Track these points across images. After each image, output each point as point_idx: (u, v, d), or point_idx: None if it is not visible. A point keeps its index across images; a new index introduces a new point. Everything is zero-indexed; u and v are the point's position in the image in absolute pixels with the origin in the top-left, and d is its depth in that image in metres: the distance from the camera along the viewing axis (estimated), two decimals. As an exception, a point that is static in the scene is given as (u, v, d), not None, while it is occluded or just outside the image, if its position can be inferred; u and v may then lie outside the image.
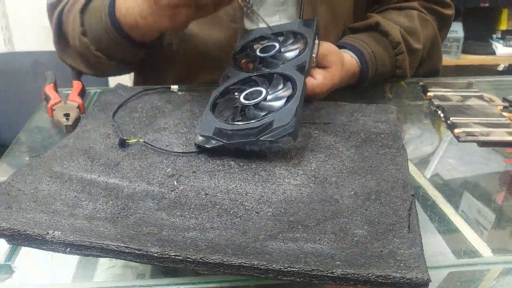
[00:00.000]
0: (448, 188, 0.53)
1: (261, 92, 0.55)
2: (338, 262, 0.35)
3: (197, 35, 0.77)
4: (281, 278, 0.35)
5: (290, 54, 0.61)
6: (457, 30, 2.08)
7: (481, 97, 0.73)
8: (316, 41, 0.63)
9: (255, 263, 0.34)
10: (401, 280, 0.33)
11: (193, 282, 0.39)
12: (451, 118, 0.65)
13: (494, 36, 2.18)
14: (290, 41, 0.63)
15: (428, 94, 0.75)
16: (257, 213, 0.42)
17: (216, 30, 0.76)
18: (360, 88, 0.76)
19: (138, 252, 0.35)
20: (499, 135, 0.61)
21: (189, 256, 0.35)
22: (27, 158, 0.59)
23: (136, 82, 0.93)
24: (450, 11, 0.85)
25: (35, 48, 1.38)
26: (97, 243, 0.36)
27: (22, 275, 0.41)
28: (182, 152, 0.51)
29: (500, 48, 2.13)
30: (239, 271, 0.35)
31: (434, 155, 0.62)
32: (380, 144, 0.53)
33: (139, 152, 0.51)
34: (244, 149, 0.51)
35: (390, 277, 0.33)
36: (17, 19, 1.92)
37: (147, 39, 0.70)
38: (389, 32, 0.75)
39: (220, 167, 0.48)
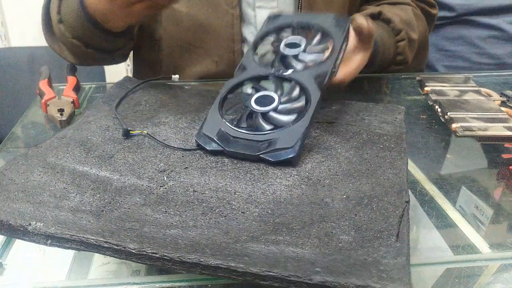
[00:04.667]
0: (445, 183, 0.52)
1: (273, 100, 0.52)
2: (318, 269, 0.34)
3: (192, 20, 0.77)
4: (259, 282, 0.34)
5: (313, 57, 0.57)
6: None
7: (478, 92, 0.71)
8: (344, 44, 0.59)
9: (232, 265, 0.33)
10: None
11: (188, 280, 0.39)
12: (448, 113, 0.64)
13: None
14: (317, 40, 0.59)
15: (425, 88, 0.73)
16: (243, 213, 0.41)
17: (212, 15, 0.76)
18: (356, 84, 0.75)
19: (116, 247, 0.35)
20: (497, 130, 0.59)
21: (166, 254, 0.34)
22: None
23: (135, 75, 0.94)
24: (435, 11, 0.87)
25: (31, 44, 1.39)
26: (77, 236, 0.36)
27: (14, 272, 0.41)
28: (183, 149, 0.50)
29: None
30: (216, 272, 0.34)
31: (432, 150, 0.61)
32: (381, 146, 0.51)
33: (135, 145, 0.51)
34: None
35: (370, 287, 0.32)
36: (13, 15, 1.94)
37: (117, 29, 0.69)
38: (391, 20, 0.77)
39: (213, 164, 0.48)
